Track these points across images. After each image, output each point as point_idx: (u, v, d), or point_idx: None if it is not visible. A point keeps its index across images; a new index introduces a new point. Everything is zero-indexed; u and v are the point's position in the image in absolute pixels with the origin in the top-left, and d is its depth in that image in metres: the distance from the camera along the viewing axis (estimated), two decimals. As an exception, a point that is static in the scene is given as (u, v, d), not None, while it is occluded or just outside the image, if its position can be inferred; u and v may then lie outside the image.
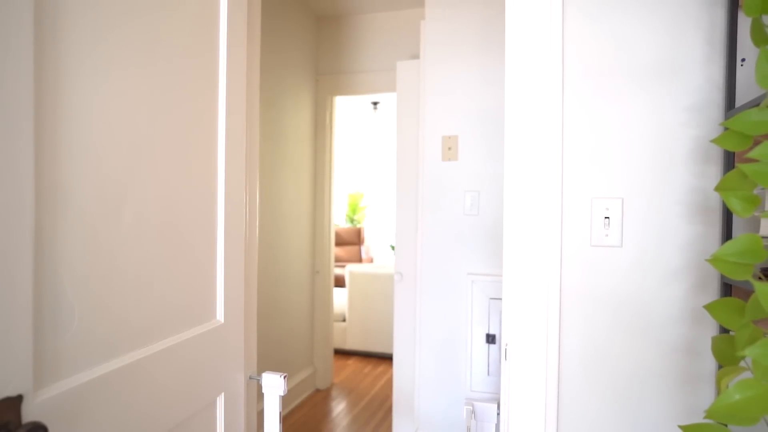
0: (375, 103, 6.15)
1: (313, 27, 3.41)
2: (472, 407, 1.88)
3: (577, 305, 1.16)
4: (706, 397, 1.10)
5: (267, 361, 2.89)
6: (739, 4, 1.04)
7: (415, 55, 3.17)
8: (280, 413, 1.13)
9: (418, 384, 2.38)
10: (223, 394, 1.07)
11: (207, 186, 1.03)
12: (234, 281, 1.12)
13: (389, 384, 3.64)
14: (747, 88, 1.04)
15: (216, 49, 1.04)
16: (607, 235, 1.14)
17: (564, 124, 1.17)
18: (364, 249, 6.79)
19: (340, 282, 5.34)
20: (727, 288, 1.06)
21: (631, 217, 1.14)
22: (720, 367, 1.05)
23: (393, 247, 5.77)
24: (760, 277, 0.83)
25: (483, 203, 2.28)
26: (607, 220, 1.14)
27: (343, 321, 4.35)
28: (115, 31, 0.77)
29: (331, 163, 3.57)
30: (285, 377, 1.11)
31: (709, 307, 0.86)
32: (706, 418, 0.72)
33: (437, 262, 2.35)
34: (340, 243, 6.60)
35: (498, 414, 1.87)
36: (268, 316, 2.91)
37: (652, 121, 1.12)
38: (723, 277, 1.06)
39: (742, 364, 0.83)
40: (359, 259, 6.64)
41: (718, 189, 0.85)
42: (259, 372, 2.53)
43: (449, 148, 2.32)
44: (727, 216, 1.06)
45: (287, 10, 3.08)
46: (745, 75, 1.04)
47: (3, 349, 0.59)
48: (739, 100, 1.05)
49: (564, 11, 1.16)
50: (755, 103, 0.90)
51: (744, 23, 1.04)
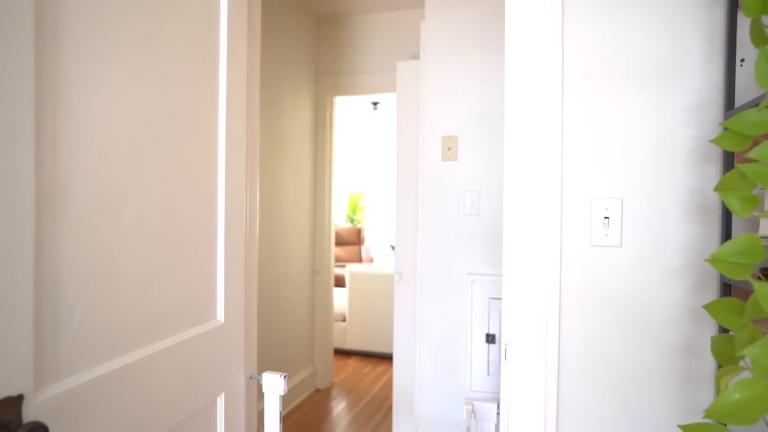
0: (375, 104, 6.15)
1: (313, 27, 3.41)
2: (471, 407, 1.88)
3: (576, 305, 1.17)
4: (705, 396, 1.10)
5: (267, 361, 2.89)
6: (739, 4, 1.04)
7: (415, 56, 3.18)
8: (281, 413, 1.13)
9: (418, 384, 2.39)
10: (223, 393, 1.07)
11: (207, 186, 1.03)
12: (234, 281, 1.12)
13: (389, 384, 3.64)
14: (746, 89, 1.04)
15: (216, 49, 1.05)
16: (606, 235, 1.14)
17: (564, 124, 1.17)
18: (364, 249, 6.79)
19: (340, 282, 5.34)
20: (726, 288, 1.06)
21: (630, 217, 1.14)
22: (719, 366, 1.06)
23: (393, 247, 5.77)
24: (759, 277, 0.83)
25: (483, 203, 2.28)
26: (606, 220, 1.14)
27: (343, 321, 4.35)
28: (116, 31, 0.77)
29: (331, 163, 3.57)
30: (285, 377, 1.11)
31: (708, 307, 0.86)
32: (705, 417, 0.73)
33: (437, 262, 2.35)
34: (340, 243, 6.61)
35: (498, 414, 1.88)
36: (268, 315, 2.91)
37: (651, 121, 1.13)
38: (722, 277, 1.07)
39: (742, 363, 0.83)
40: (359, 259, 6.64)
41: (717, 189, 0.85)
42: (260, 372, 2.53)
43: (449, 148, 2.32)
44: (727, 216, 1.06)
45: (287, 11, 3.08)
46: (744, 75, 1.04)
47: (4, 348, 0.59)
48: (739, 100, 1.05)
49: (563, 11, 1.17)
50: (754, 104, 0.90)
51: (743, 23, 1.04)
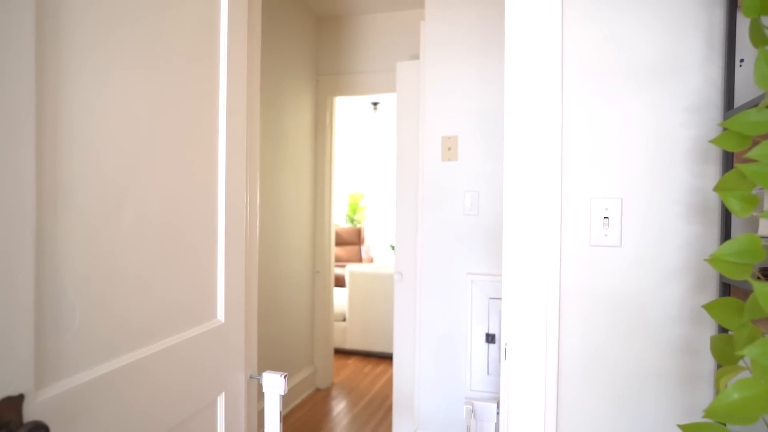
0: (375, 104, 6.15)
1: (313, 28, 3.41)
2: (471, 406, 1.89)
3: (576, 305, 1.17)
4: (705, 396, 1.10)
5: (267, 361, 2.89)
6: (738, 4, 1.05)
7: (415, 56, 3.18)
8: (281, 412, 1.13)
9: (418, 383, 2.39)
10: (223, 393, 1.08)
11: (208, 186, 1.03)
12: (234, 281, 1.12)
13: (389, 383, 3.64)
14: (746, 89, 1.04)
15: (216, 49, 1.05)
16: (606, 235, 1.15)
17: (563, 124, 1.17)
18: (364, 249, 6.80)
19: (340, 282, 5.34)
20: (725, 288, 1.07)
21: (630, 217, 1.14)
22: (719, 366, 1.06)
23: (393, 247, 5.78)
24: (758, 277, 0.83)
25: (483, 203, 2.28)
26: (606, 220, 1.15)
27: (343, 321, 4.35)
28: (117, 31, 0.77)
29: (331, 164, 3.57)
30: (285, 377, 1.12)
31: (707, 307, 0.87)
32: (705, 417, 0.73)
33: (437, 261, 2.35)
34: (340, 243, 6.61)
35: (498, 413, 1.88)
36: (268, 315, 2.91)
37: (651, 121, 1.13)
38: (722, 276, 1.07)
39: (741, 363, 0.83)
40: (359, 259, 6.65)
41: (717, 189, 0.85)
42: (260, 371, 2.53)
43: (449, 149, 2.32)
44: (726, 216, 1.06)
45: (287, 11, 3.08)
46: (743, 75, 1.04)
47: (4, 348, 0.59)
48: (738, 100, 1.05)
49: (563, 12, 1.17)
50: (754, 104, 0.90)
51: (743, 24, 1.04)
